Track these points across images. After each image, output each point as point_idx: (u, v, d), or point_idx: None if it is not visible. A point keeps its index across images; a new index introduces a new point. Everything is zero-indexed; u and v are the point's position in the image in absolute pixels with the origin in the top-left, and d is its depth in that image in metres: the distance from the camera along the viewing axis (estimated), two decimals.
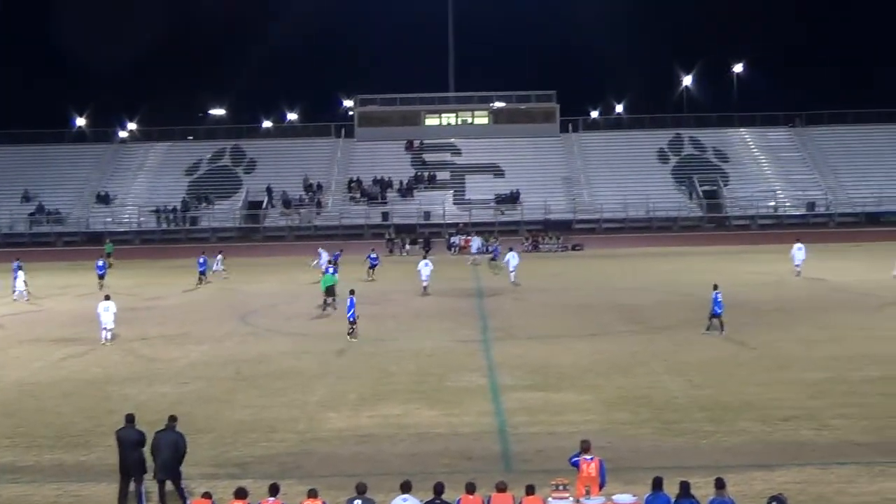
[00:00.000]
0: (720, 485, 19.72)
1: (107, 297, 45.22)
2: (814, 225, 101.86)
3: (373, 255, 69.26)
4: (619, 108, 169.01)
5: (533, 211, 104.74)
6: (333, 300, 52.62)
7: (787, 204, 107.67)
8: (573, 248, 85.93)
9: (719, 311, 43.47)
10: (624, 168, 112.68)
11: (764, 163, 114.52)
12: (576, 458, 21.44)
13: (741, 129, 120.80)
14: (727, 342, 41.47)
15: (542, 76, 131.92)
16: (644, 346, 41.30)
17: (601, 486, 21.14)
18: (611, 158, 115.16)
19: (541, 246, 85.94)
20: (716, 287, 44.18)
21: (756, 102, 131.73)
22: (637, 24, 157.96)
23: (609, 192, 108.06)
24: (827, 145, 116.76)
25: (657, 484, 19.92)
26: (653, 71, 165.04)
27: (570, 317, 49.69)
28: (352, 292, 45.67)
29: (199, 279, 64.89)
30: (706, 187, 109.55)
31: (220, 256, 69.55)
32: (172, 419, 23.60)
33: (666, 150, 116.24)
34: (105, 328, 43.93)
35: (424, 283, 59.03)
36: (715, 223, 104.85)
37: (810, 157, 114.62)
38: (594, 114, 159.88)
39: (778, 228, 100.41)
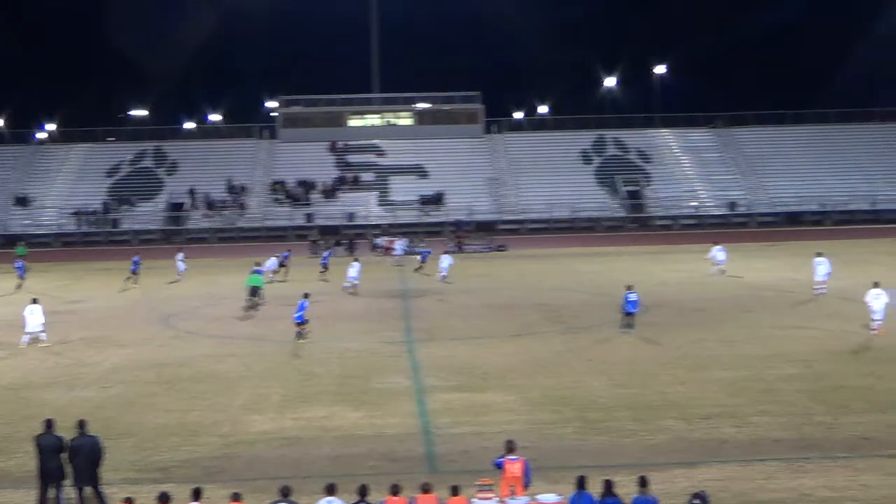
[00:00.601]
0: (643, 483, 19.90)
1: (34, 301, 44.64)
2: (735, 225, 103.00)
3: (326, 254, 70.76)
4: (543, 110, 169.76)
5: (457, 212, 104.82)
6: (258, 300, 52.57)
7: (709, 204, 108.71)
8: (497, 249, 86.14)
9: (632, 310, 43.89)
10: (548, 169, 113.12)
11: (686, 163, 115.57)
12: (500, 460, 21.52)
13: (663, 130, 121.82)
14: (649, 342, 41.80)
15: (466, 77, 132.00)
16: (567, 345, 41.53)
17: (526, 486, 21.24)
18: (535, 159, 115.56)
19: (465, 247, 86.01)
20: (630, 287, 44.59)
21: (678, 104, 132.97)
22: (560, 26, 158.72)
23: (533, 192, 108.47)
24: (747, 146, 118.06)
25: (581, 483, 20.06)
26: (576, 72, 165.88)
27: (494, 317, 49.80)
28: (305, 295, 45.51)
29: (129, 278, 64.28)
30: (629, 188, 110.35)
31: (181, 255, 69.14)
32: (82, 425, 23.34)
33: (589, 150, 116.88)
34: (29, 332, 43.35)
35: (347, 284, 59.40)
36: (638, 223, 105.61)
37: (731, 158, 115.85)
38: (518, 115, 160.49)
39: (700, 228, 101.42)
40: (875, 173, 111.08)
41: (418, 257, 71.41)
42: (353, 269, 59.94)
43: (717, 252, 64.52)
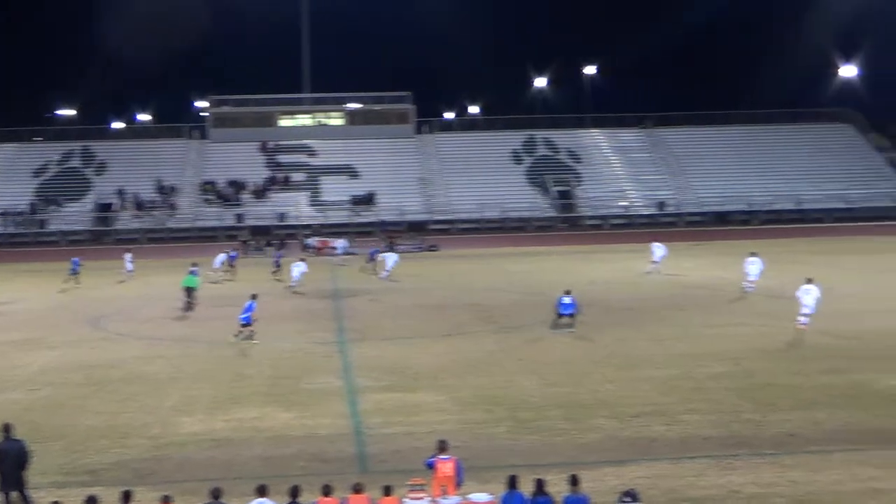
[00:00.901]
0: (574, 481, 20.00)
1: None
2: (663, 224, 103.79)
3: (278, 254, 71.67)
4: (474, 110, 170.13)
5: (388, 212, 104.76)
6: (193, 300, 52.39)
7: (638, 204, 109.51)
8: (428, 249, 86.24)
9: (566, 311, 44.26)
10: (479, 169, 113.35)
11: (616, 163, 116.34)
12: (432, 459, 21.54)
13: (593, 131, 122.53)
14: (581, 341, 42.04)
15: (397, 77, 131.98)
16: (499, 345, 41.65)
17: (458, 486, 21.27)
18: (466, 159, 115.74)
19: (396, 247, 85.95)
20: (567, 292, 45.02)
21: (608, 104, 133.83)
22: (491, 27, 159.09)
23: (464, 192, 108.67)
24: (676, 146, 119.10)
25: (512, 482, 20.12)
26: (507, 73, 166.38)
27: (425, 317, 49.85)
28: (253, 296, 45.17)
29: (68, 279, 63.76)
30: (559, 188, 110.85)
31: (129, 255, 68.58)
32: (7, 429, 23.05)
33: (520, 151, 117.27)
34: None
35: (293, 283, 59.70)
36: (568, 223, 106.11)
37: (660, 158, 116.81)
38: (449, 115, 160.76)
39: (629, 228, 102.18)
40: (800, 173, 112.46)
41: (367, 256, 71.55)
42: (298, 269, 59.93)
43: (656, 248, 65.01)
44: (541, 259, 74.41)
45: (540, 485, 19.99)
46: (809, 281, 44.67)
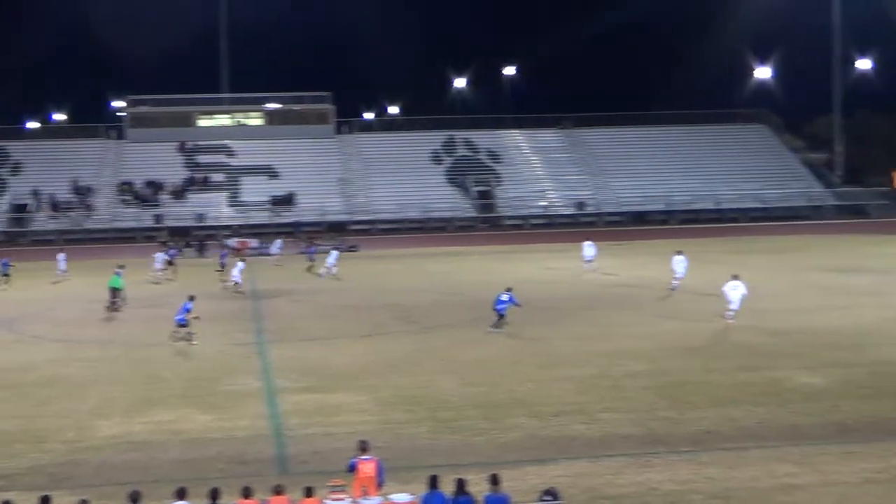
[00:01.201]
0: (495, 481, 20.04)
1: None
2: (583, 224, 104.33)
3: (224, 253, 71.61)
4: (394, 110, 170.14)
5: (308, 212, 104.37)
6: (117, 301, 51.98)
7: (558, 204, 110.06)
8: (349, 249, 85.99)
9: (498, 308, 44.31)
10: (399, 169, 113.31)
11: (535, 164, 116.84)
12: (353, 460, 21.49)
13: (513, 131, 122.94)
14: (500, 340, 42.19)
15: (316, 77, 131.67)
16: (419, 345, 41.69)
17: (379, 487, 21.24)
18: (386, 160, 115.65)
19: (317, 247, 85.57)
20: (509, 289, 45.19)
21: (527, 105, 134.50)
22: (411, 27, 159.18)
23: (384, 193, 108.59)
24: (595, 147, 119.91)
25: (433, 482, 20.11)
26: (427, 73, 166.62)
27: (345, 317, 49.75)
28: (191, 297, 44.80)
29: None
30: (479, 188, 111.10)
31: (62, 255, 67.69)
32: None
33: (440, 151, 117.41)
34: None
35: (235, 281, 59.79)
36: (489, 223, 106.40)
37: (580, 158, 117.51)
38: (369, 115, 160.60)
39: (549, 228, 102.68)
40: (717, 174, 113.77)
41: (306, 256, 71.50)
42: (237, 269, 59.85)
43: (587, 248, 65.44)
44: (461, 259, 74.57)
45: (461, 484, 20.01)
46: (735, 277, 45.55)
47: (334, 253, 66.71)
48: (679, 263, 55.92)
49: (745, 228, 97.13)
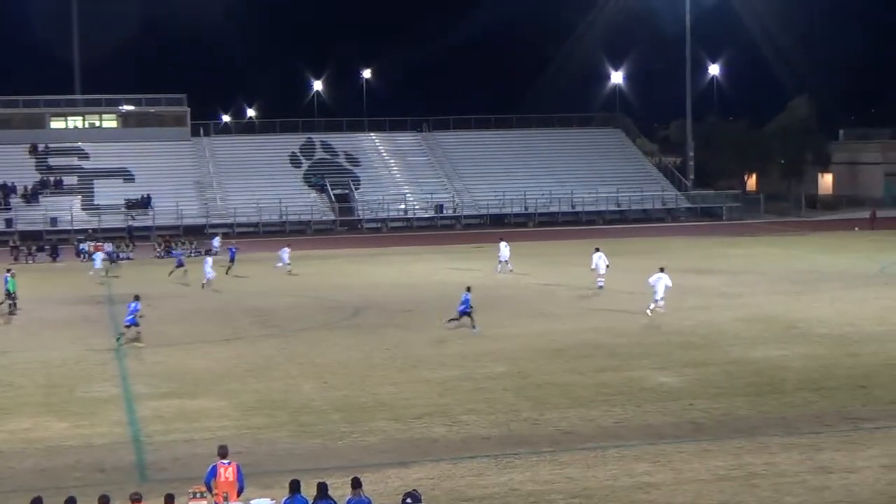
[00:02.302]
0: (356, 484, 20.05)
1: None
2: (442, 227, 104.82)
3: (179, 253, 72.81)
4: (252, 113, 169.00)
5: (165, 216, 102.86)
6: (13, 304, 51.44)
7: (417, 207, 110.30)
8: (206, 254, 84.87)
9: (467, 309, 44.82)
10: (257, 172, 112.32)
11: (394, 167, 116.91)
12: (213, 466, 21.30)
13: (371, 134, 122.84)
14: (360, 343, 42.17)
15: (172, 79, 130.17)
16: (279, 349, 41.48)
17: (239, 492, 21.09)
18: (243, 163, 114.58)
19: (173, 252, 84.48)
20: (468, 289, 45.82)
21: (385, 107, 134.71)
22: (268, 29, 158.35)
23: (242, 196, 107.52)
24: (453, 150, 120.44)
25: (294, 487, 20.04)
26: (284, 76, 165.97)
27: (205, 322, 49.21)
28: (136, 297, 44.21)
29: None
30: (338, 191, 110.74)
31: None
32: None
33: (298, 154, 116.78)
34: None
35: (210, 279, 60.93)
36: (347, 226, 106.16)
37: (437, 162, 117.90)
38: (226, 118, 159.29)
39: (408, 231, 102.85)
40: (574, 176, 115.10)
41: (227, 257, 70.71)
42: (207, 266, 60.96)
43: (503, 248, 65.96)
44: (320, 262, 74.23)
45: (322, 488, 19.97)
46: (661, 270, 47.96)
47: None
48: (599, 261, 57.13)
49: (602, 231, 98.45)
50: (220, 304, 54.96)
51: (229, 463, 21.20)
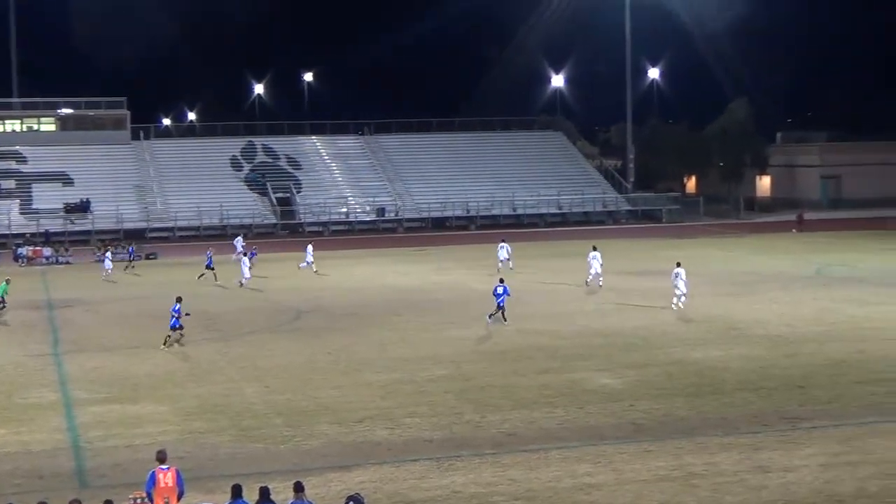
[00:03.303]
0: (299, 488, 20.03)
1: None
2: (384, 230, 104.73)
3: (126, 253, 75.04)
4: (192, 116, 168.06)
5: (105, 220, 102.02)
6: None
7: (359, 210, 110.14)
8: (147, 257, 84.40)
9: (498, 300, 46.03)
10: (197, 176, 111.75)
11: (335, 170, 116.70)
12: (152, 472, 21.15)
13: (313, 137, 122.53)
14: (303, 347, 42.08)
15: (112, 82, 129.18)
16: (221, 353, 41.32)
17: (180, 497, 20.99)
18: (184, 166, 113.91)
19: (114, 255, 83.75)
20: (501, 280, 47.30)
21: (327, 111, 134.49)
22: (210, 33, 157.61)
23: (183, 199, 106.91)
24: (394, 153, 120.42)
25: (237, 491, 19.98)
26: (225, 79, 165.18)
27: (146, 326, 48.82)
28: (178, 299, 43.93)
29: None
30: (280, 194, 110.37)
31: None
32: None
33: (239, 157, 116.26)
34: None
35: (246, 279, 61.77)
36: (289, 229, 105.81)
37: (379, 165, 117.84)
38: (166, 121, 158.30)
39: (350, 234, 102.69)
40: (515, 179, 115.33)
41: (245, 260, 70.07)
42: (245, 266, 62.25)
43: (501, 250, 66.54)
44: (262, 266, 73.86)
45: (264, 492, 19.92)
46: (679, 265, 49.66)
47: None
48: (595, 260, 58.02)
49: (544, 233, 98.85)
50: (161, 309, 54.45)
51: (168, 468, 21.08)
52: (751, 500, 23.36)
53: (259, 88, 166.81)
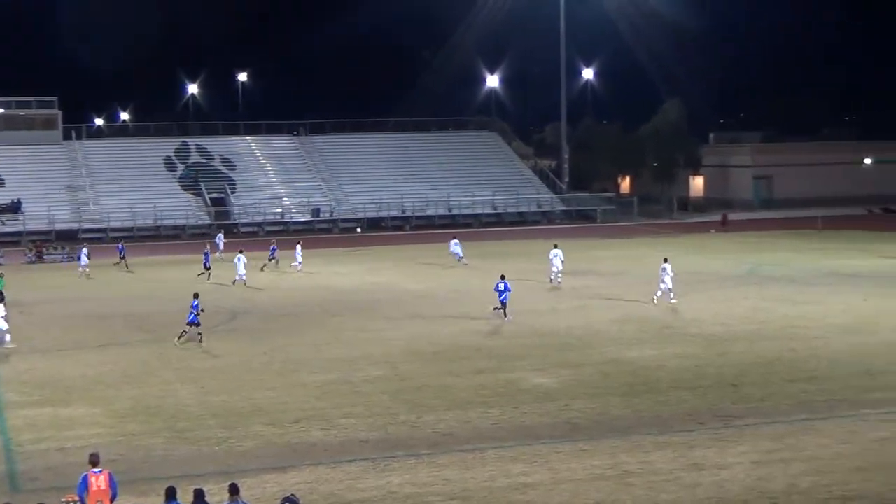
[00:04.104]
0: (234, 490, 19.92)
1: None
2: (319, 231, 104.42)
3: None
4: (125, 116, 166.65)
5: (36, 221, 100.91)
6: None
7: (294, 210, 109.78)
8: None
9: (500, 297, 46.89)
10: (131, 176, 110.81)
11: (270, 170, 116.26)
12: (84, 475, 20.94)
13: (247, 137, 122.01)
14: (237, 348, 41.87)
15: (43, 81, 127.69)
16: (155, 354, 41.00)
17: (112, 499, 20.82)
18: (117, 166, 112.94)
19: (45, 256, 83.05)
20: (502, 277, 47.69)
21: (261, 111, 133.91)
22: (141, 31, 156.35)
23: (116, 200, 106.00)
24: (329, 153, 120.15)
25: (170, 493, 19.82)
26: (158, 78, 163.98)
27: (78, 328, 48.39)
28: (195, 295, 43.73)
29: None
30: (214, 195, 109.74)
31: None
32: None
33: (173, 157, 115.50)
34: None
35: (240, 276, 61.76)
36: (223, 230, 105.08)
37: (314, 165, 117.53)
38: (99, 121, 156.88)
39: (285, 235, 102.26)
40: (450, 180, 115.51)
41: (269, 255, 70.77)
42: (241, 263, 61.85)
43: (454, 246, 67.75)
44: (197, 266, 73.44)
45: (199, 495, 19.79)
46: (665, 260, 51.18)
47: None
48: (556, 258, 58.45)
49: (479, 233, 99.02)
50: (95, 310, 54.07)
51: (101, 471, 20.88)
52: (685, 497, 23.55)
53: (193, 88, 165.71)
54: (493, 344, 41.69)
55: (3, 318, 42.81)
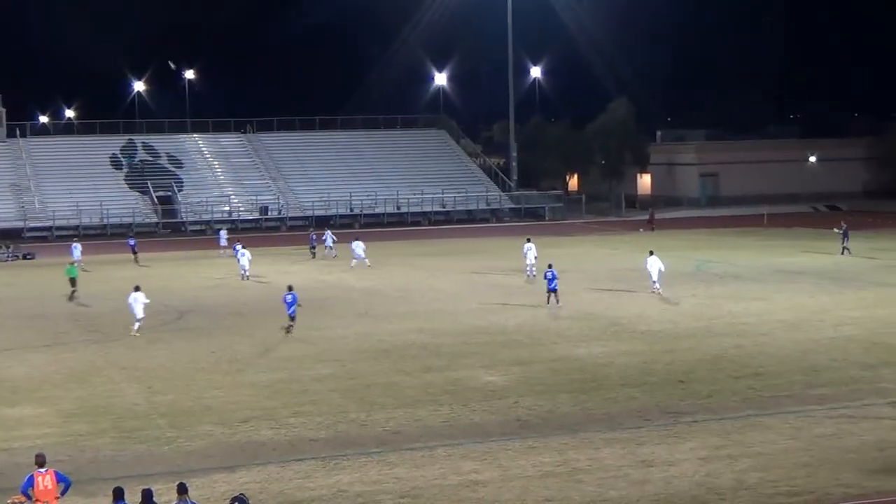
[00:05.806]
0: (182, 489, 19.85)
1: None
2: (267, 229, 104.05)
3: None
4: (70, 114, 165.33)
5: None
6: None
7: (242, 209, 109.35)
8: (24, 257, 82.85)
9: (550, 286, 49.46)
10: (76, 174, 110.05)
11: (218, 168, 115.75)
12: (30, 476, 20.77)
13: (194, 135, 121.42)
14: (185, 347, 41.65)
15: None
16: (103, 354, 40.73)
17: (65, 490, 20.72)
18: (62, 165, 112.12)
19: None
20: (550, 266, 50.03)
21: (208, 108, 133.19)
22: (87, 28, 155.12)
23: (61, 198, 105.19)
24: (277, 151, 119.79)
25: (118, 494, 19.71)
26: (104, 76, 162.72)
27: (23, 328, 47.95)
28: (290, 288, 45.02)
29: None
30: (160, 193, 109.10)
31: None
32: None
33: (119, 155, 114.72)
34: None
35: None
36: (170, 228, 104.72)
37: (262, 163, 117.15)
38: (43, 118, 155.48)
39: (233, 233, 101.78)
40: (399, 177, 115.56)
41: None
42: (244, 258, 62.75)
43: (356, 246, 67.49)
44: (144, 265, 73.09)
45: (147, 495, 19.69)
46: (651, 253, 53.22)
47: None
48: (530, 251, 60.75)
49: (427, 231, 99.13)
50: (40, 310, 53.58)
51: (46, 471, 20.75)
52: (634, 493, 23.68)
53: (139, 86, 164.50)
54: (441, 342, 41.70)
55: None
